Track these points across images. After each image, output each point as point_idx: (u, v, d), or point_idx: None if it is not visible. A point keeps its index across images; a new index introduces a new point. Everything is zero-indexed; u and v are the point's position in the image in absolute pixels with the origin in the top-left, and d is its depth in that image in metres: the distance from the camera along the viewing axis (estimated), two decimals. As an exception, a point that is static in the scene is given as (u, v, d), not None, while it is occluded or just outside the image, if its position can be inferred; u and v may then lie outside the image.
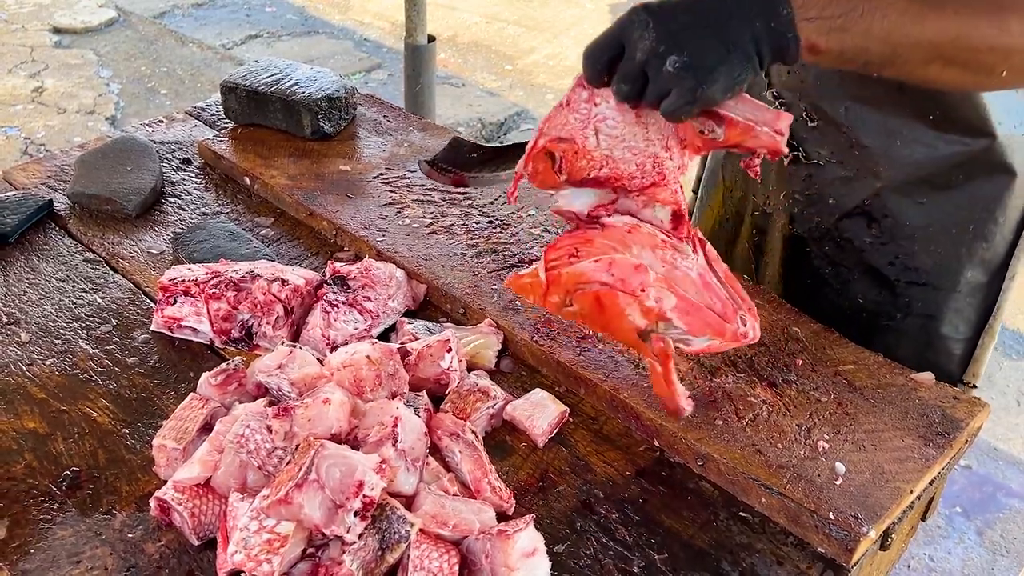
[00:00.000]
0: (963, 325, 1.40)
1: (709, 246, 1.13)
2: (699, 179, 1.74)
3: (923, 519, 1.31)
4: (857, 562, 1.02)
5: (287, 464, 0.96)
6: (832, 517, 1.02)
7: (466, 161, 1.42)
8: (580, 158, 1.07)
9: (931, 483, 1.12)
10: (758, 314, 1.10)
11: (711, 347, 1.09)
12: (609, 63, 1.00)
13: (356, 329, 1.26)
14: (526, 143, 1.16)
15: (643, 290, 1.07)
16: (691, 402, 1.13)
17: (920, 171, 1.30)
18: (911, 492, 1.07)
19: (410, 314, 1.34)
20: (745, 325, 1.08)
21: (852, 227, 1.39)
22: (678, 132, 1.05)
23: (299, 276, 1.31)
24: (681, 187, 1.10)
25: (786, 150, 1.02)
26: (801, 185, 1.41)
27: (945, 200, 1.32)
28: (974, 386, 1.43)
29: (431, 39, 3.83)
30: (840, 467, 1.08)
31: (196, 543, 0.99)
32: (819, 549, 1.03)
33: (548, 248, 1.14)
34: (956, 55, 1.01)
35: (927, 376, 1.23)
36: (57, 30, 5.70)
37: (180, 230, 1.51)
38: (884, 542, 1.07)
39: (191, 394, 1.13)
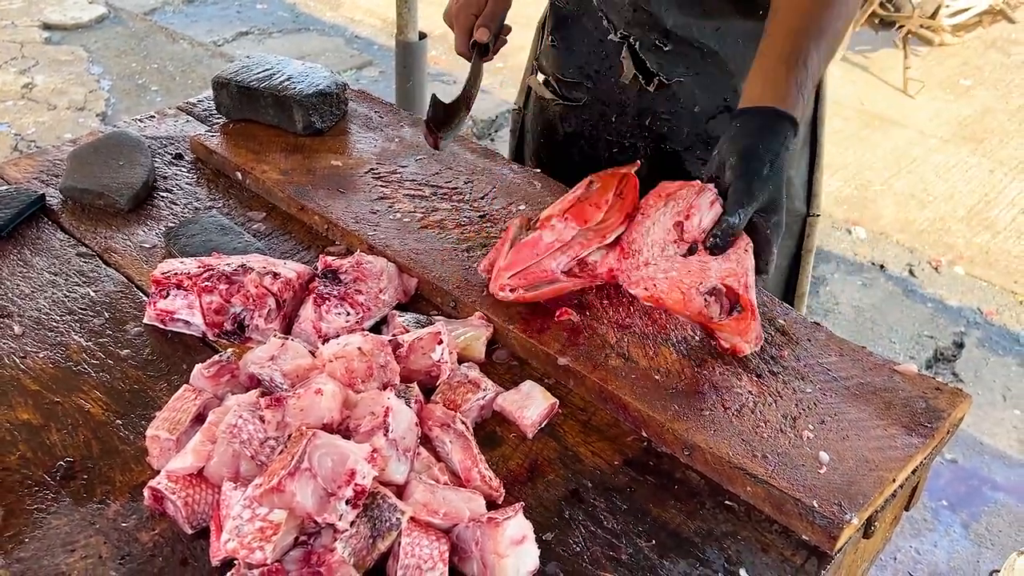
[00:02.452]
0: (803, 170, 1.69)
1: None
2: (514, 150, 1.95)
3: (907, 509, 1.33)
4: (840, 549, 1.04)
5: (279, 453, 0.98)
6: (816, 505, 1.04)
7: (439, 120, 1.53)
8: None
9: (914, 472, 1.14)
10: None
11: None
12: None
13: (347, 322, 1.27)
14: (455, 102, 1.53)
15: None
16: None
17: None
18: (894, 481, 1.09)
19: (401, 307, 1.35)
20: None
21: (718, 125, 1.62)
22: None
23: (291, 270, 1.32)
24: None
25: (747, 351, 1.23)
26: (666, 105, 1.60)
27: None
28: (818, 215, 1.74)
29: (422, 36, 3.84)
30: (824, 456, 1.10)
31: (189, 532, 1.00)
32: (803, 536, 1.05)
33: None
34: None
35: (910, 368, 1.26)
36: (47, 26, 5.69)
37: (172, 224, 1.52)
38: (867, 530, 1.09)
39: (184, 386, 1.14)
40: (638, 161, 1.38)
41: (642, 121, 1.63)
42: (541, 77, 1.80)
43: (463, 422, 1.11)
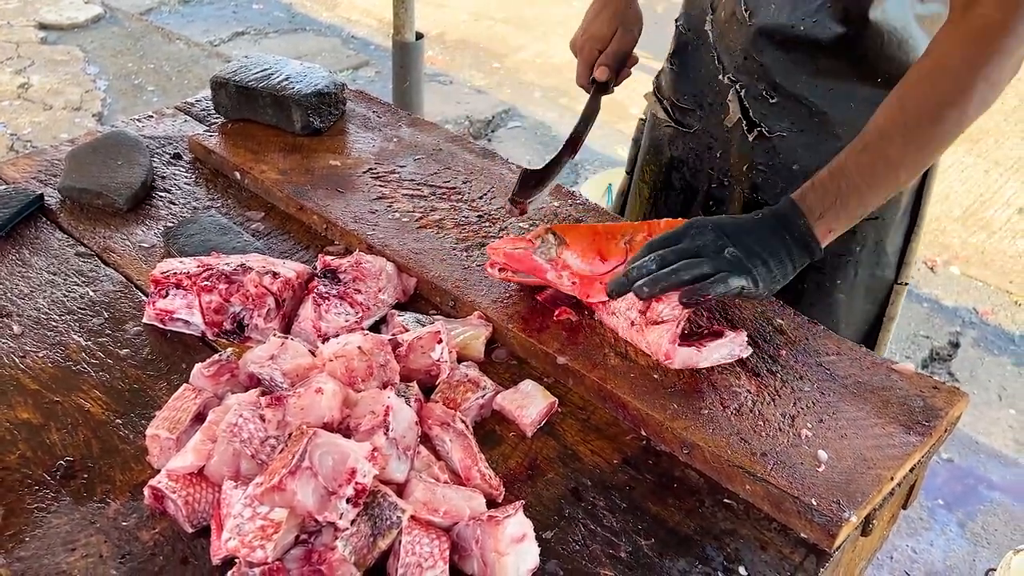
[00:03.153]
0: (899, 239, 1.61)
1: None
2: (632, 160, 1.88)
3: (904, 507, 1.33)
4: (839, 547, 1.05)
5: (280, 452, 0.98)
6: (814, 503, 1.04)
7: (528, 188, 1.46)
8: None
9: (911, 470, 1.15)
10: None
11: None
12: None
13: (347, 321, 1.27)
14: (557, 155, 1.49)
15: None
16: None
17: None
18: (892, 479, 1.09)
19: (400, 307, 1.36)
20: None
21: None
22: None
23: (290, 269, 1.32)
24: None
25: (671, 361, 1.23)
26: (765, 157, 1.54)
27: None
28: (907, 283, 1.66)
29: (419, 36, 3.84)
30: (822, 455, 1.11)
31: (190, 530, 1.00)
32: (802, 534, 1.06)
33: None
34: (918, 157, 1.23)
35: (908, 367, 1.26)
36: (43, 26, 5.68)
37: (171, 224, 1.52)
38: (865, 528, 1.09)
39: (184, 385, 1.14)
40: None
41: (741, 166, 1.57)
42: (657, 96, 1.77)
43: (463, 421, 1.11)
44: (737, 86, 1.53)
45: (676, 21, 1.69)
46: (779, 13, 1.44)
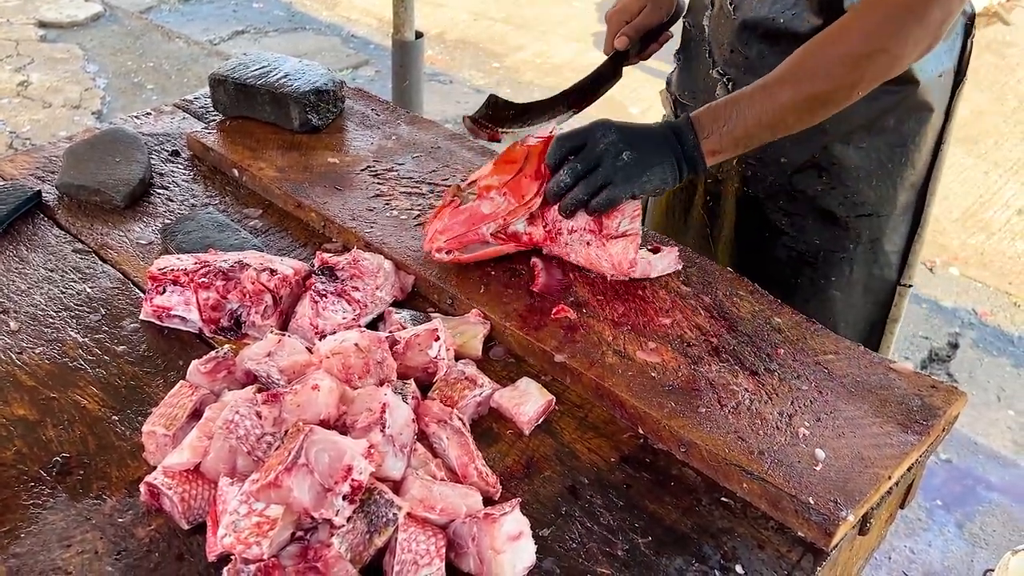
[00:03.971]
0: (899, 239, 1.62)
1: None
2: None
3: (901, 507, 1.33)
4: (836, 546, 1.04)
5: (276, 449, 0.98)
6: (812, 502, 1.04)
7: (501, 118, 1.52)
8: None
9: (909, 469, 1.14)
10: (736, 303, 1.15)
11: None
12: (571, 151, 1.33)
13: (344, 319, 1.27)
14: (551, 98, 1.52)
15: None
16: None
17: (861, 120, 1.49)
18: (889, 478, 1.09)
19: (398, 304, 1.35)
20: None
21: (804, 180, 1.57)
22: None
23: (288, 266, 1.32)
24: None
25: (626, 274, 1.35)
26: (753, 151, 1.55)
27: (880, 140, 1.52)
28: (910, 285, 1.67)
29: (419, 35, 3.84)
30: (820, 453, 1.10)
31: (186, 527, 1.00)
32: (799, 533, 1.06)
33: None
34: (806, 108, 1.31)
35: (906, 366, 1.26)
36: (42, 24, 5.68)
37: (169, 221, 1.52)
38: (863, 527, 1.09)
39: (180, 381, 1.14)
40: (553, 127, 1.49)
41: (731, 160, 1.60)
42: (666, 93, 1.80)
43: (460, 418, 1.11)
44: (724, 79, 1.57)
45: (683, 18, 1.72)
46: (760, 6, 1.48)
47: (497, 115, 1.51)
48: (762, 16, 1.48)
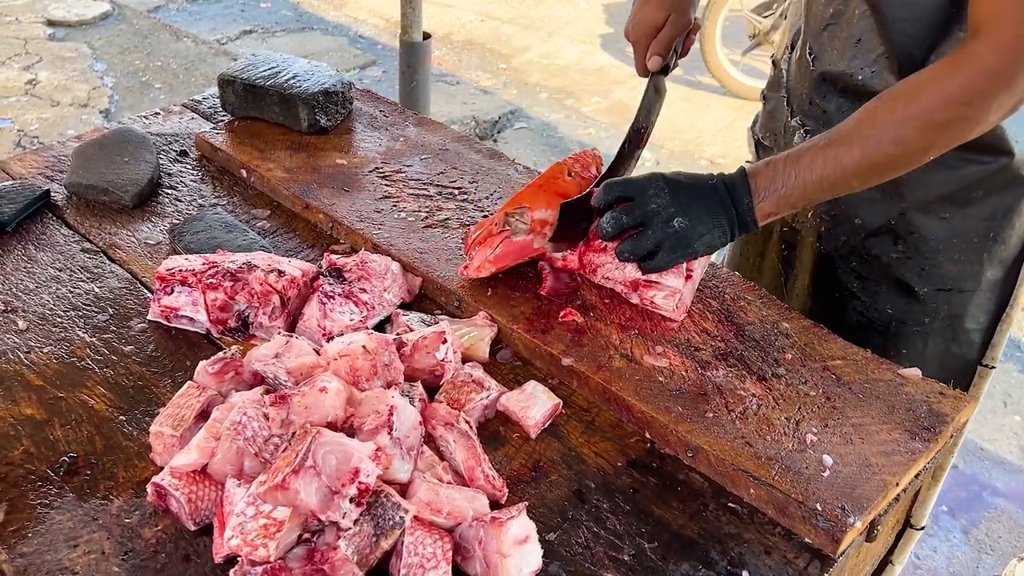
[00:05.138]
0: (983, 317, 1.50)
1: None
2: None
3: (912, 526, 1.32)
4: (843, 552, 1.04)
5: (284, 451, 0.98)
6: (819, 508, 1.04)
7: (570, 220, 1.39)
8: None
9: (916, 476, 1.14)
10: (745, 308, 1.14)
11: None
12: (617, 200, 1.27)
13: (352, 320, 1.27)
14: (616, 159, 1.46)
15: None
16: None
17: (943, 190, 1.39)
18: (897, 485, 1.09)
19: (405, 306, 1.35)
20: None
21: (878, 244, 1.47)
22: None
23: (296, 267, 1.32)
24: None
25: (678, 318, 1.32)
26: (827, 206, 1.49)
27: (966, 214, 1.41)
28: (993, 367, 1.54)
29: (426, 36, 3.84)
30: (827, 459, 1.10)
31: (192, 528, 1.00)
32: (806, 539, 1.05)
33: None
34: (873, 171, 1.22)
35: (914, 372, 1.25)
36: (51, 23, 5.70)
37: (177, 221, 1.52)
38: (870, 534, 1.09)
39: (188, 382, 1.14)
40: (595, 149, 1.48)
41: (807, 212, 1.53)
42: (751, 133, 1.74)
43: (467, 421, 1.11)
44: (803, 130, 1.50)
45: (771, 57, 1.66)
46: (839, 60, 1.41)
47: (567, 220, 1.38)
48: (840, 70, 1.40)
